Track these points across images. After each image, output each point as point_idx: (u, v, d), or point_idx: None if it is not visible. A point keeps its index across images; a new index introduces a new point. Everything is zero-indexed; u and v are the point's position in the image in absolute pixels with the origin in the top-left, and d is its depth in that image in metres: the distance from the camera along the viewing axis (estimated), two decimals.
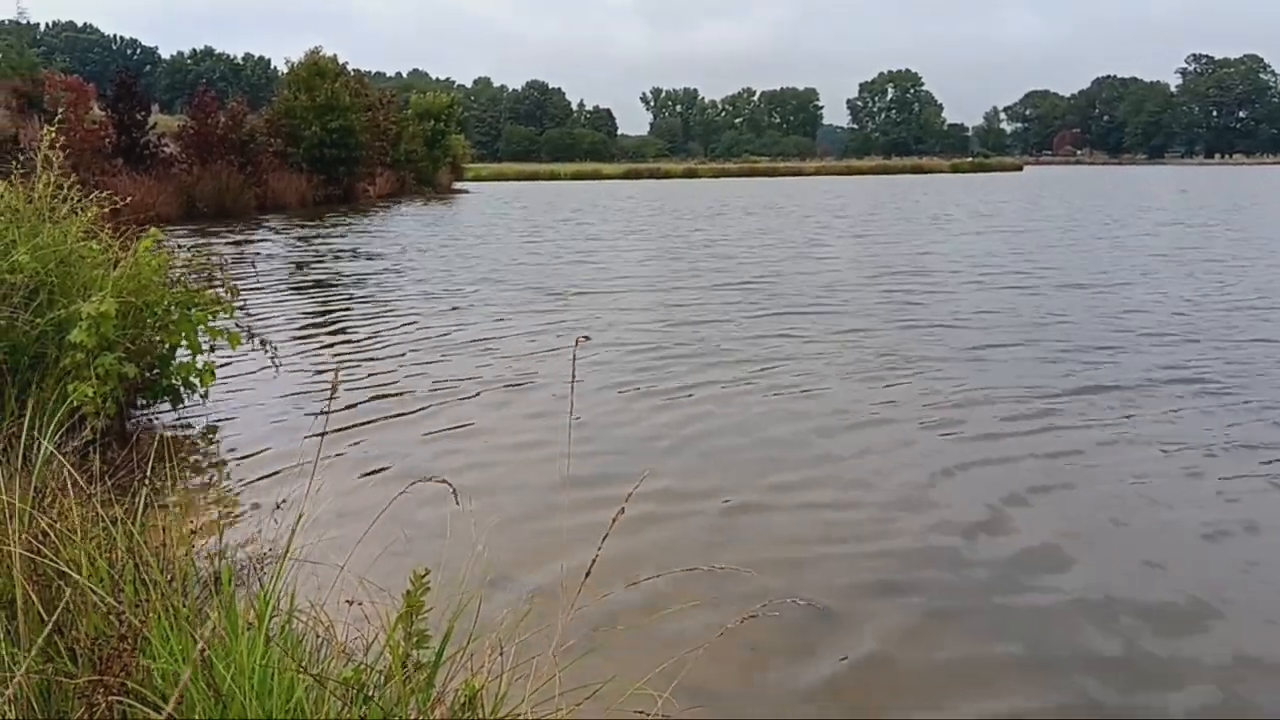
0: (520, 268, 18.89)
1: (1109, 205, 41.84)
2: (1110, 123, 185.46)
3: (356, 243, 24.50)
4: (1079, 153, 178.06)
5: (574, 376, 3.18)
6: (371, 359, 10.21)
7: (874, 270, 18.37)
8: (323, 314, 13.37)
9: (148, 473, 3.13)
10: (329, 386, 8.78)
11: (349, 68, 47.20)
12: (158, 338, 7.10)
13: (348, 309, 13.79)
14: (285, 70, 47.86)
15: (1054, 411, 8.02)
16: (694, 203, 47.53)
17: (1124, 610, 4.55)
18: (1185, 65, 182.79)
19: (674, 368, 9.72)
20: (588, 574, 2.73)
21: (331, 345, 11.12)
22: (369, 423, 7.71)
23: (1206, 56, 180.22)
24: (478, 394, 8.73)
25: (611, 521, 2.74)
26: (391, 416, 7.95)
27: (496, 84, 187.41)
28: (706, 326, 12.25)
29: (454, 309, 13.59)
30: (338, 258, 20.79)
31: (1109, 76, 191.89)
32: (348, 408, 8.05)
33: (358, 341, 11.26)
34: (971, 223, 32.24)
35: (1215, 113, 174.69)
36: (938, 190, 61.38)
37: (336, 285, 16.46)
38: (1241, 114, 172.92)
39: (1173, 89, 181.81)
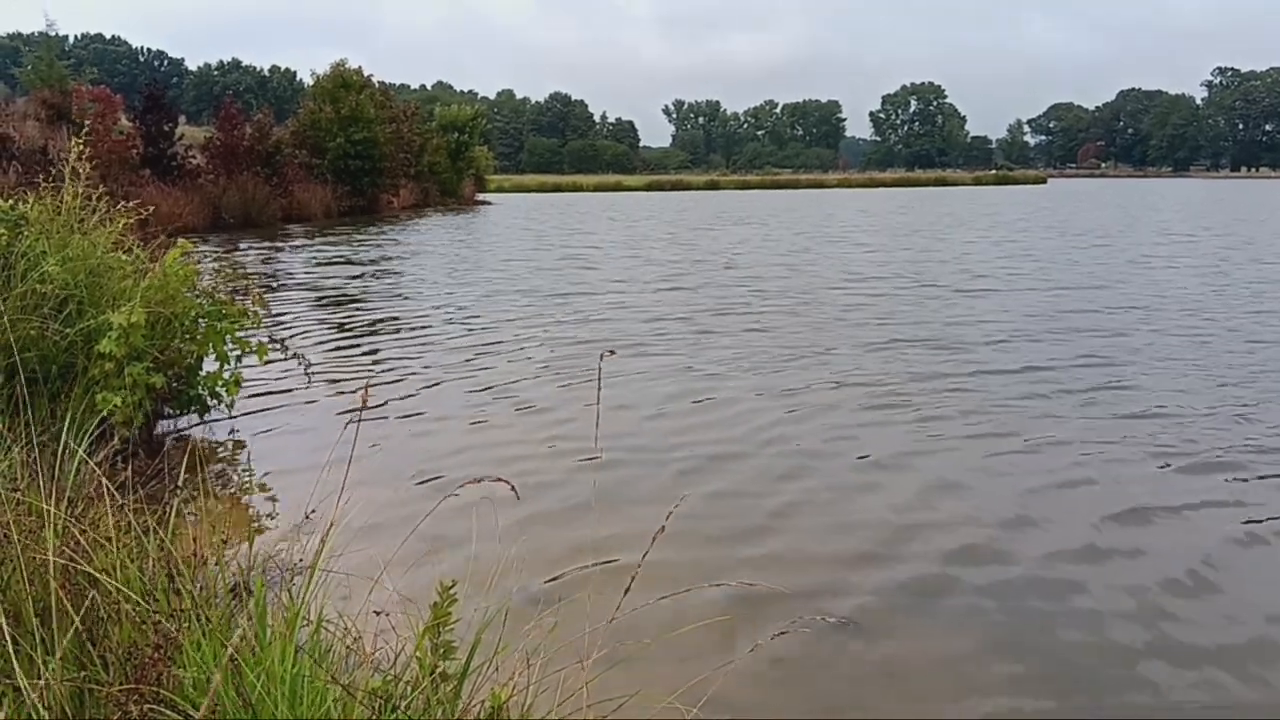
0: (531, 274, 19.08)
1: (1109, 216, 42.21)
2: (1135, 135, 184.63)
3: (381, 252, 24.66)
4: (1103, 165, 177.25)
5: (599, 389, 3.20)
6: (395, 368, 10.25)
7: (842, 276, 19.21)
8: (348, 323, 13.44)
9: (178, 482, 3.15)
10: (354, 394, 8.84)
11: (373, 80, 47.52)
12: (185, 348, 7.15)
13: (375, 320, 13.86)
14: (310, 82, 48.24)
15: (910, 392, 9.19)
16: (702, 214, 48.45)
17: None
18: (1211, 78, 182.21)
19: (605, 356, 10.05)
20: (626, 590, 2.73)
21: (355, 355, 11.16)
22: (392, 431, 7.74)
23: (1233, 69, 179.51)
24: (493, 401, 8.77)
25: (651, 540, 2.74)
26: (413, 424, 7.98)
27: (519, 96, 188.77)
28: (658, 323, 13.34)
29: (470, 322, 13.64)
30: (358, 265, 20.99)
31: (1134, 89, 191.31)
32: (374, 419, 8.08)
33: (382, 351, 11.31)
34: (962, 233, 32.91)
35: (1241, 126, 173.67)
36: (947, 203, 61.84)
37: (364, 296, 16.53)
38: (1268, 127, 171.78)
39: (1198, 101, 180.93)
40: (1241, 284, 17.43)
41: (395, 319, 13.96)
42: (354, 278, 19.33)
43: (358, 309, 15.07)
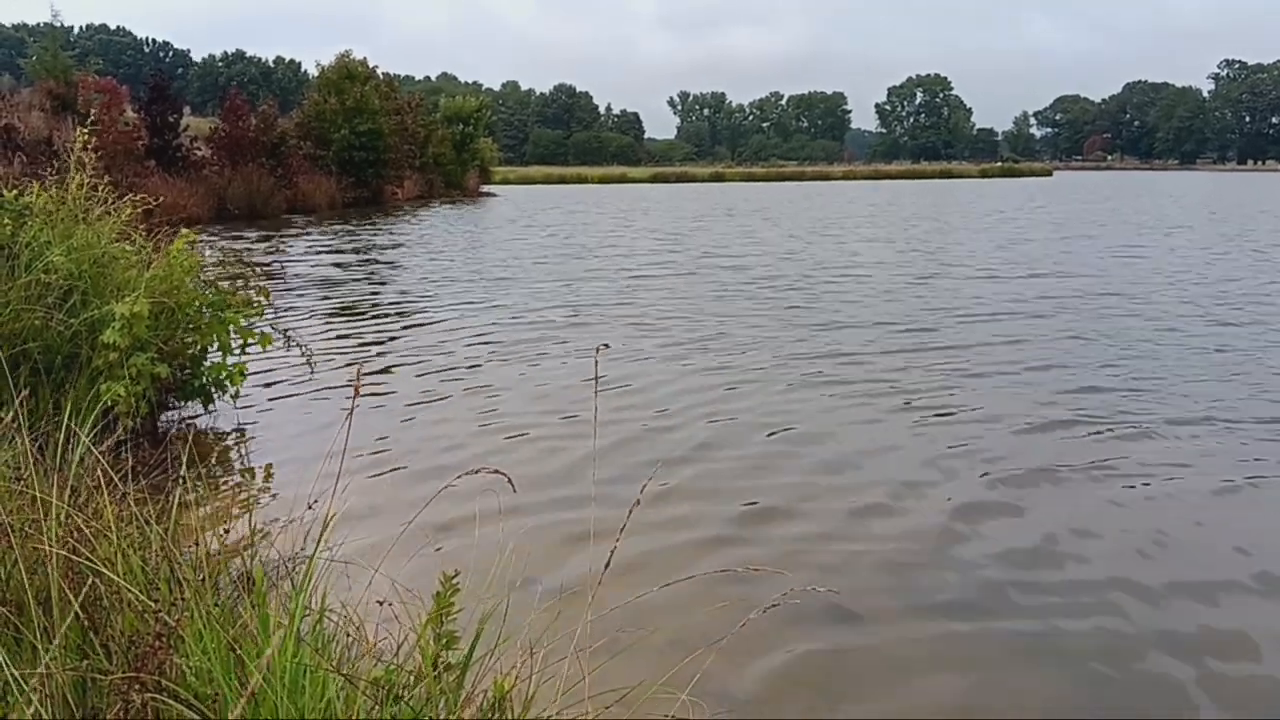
0: (523, 263, 19.29)
1: (1092, 211, 42.28)
2: (1141, 128, 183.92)
3: (382, 242, 24.72)
4: (1109, 158, 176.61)
5: (596, 378, 3.20)
6: (397, 357, 10.27)
7: (810, 266, 19.78)
8: (349, 313, 13.45)
9: (181, 472, 3.15)
10: (354, 388, 8.84)
11: (378, 71, 47.45)
12: (189, 338, 7.15)
13: (376, 309, 13.87)
14: (315, 73, 48.20)
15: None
16: (700, 206, 48.90)
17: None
18: (1218, 70, 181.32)
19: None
20: (606, 565, 2.73)
21: (358, 344, 11.18)
22: (394, 420, 7.75)
23: (1239, 62, 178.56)
24: (492, 390, 8.81)
25: (628, 514, 2.74)
26: (416, 416, 7.99)
27: (524, 87, 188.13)
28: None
29: (465, 311, 13.67)
30: (360, 256, 21.08)
31: (1140, 81, 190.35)
32: (377, 408, 8.10)
33: (383, 340, 11.33)
34: (949, 224, 33.82)
35: (1248, 118, 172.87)
36: (948, 194, 62.19)
37: (364, 286, 16.55)
38: (1275, 120, 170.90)
39: (1205, 94, 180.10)
40: (1211, 273, 18.01)
41: (395, 308, 14.02)
42: (354, 269, 19.49)
43: (358, 299, 15.14)
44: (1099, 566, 5.11)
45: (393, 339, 11.65)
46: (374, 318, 13.28)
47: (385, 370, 9.76)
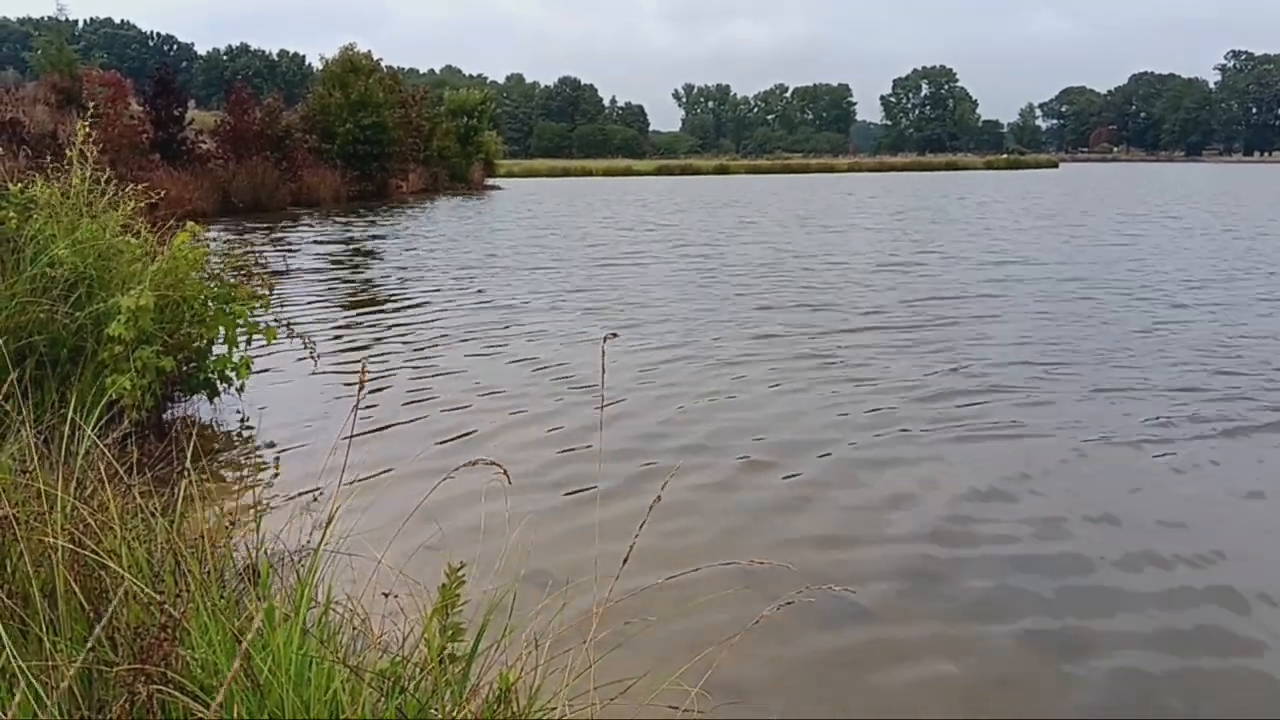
0: (535, 256, 19.29)
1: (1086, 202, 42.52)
2: (1147, 119, 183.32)
3: (386, 233, 24.77)
4: (1115, 149, 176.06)
5: (604, 369, 3.20)
6: (401, 349, 10.28)
7: (777, 256, 20.23)
8: (354, 306, 13.47)
9: (185, 464, 3.15)
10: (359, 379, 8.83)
11: (383, 64, 47.36)
12: (195, 331, 7.15)
13: (382, 302, 13.89)
14: (320, 67, 48.16)
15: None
16: (695, 197, 49.45)
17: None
18: (1224, 61, 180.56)
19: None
20: (625, 561, 2.72)
21: (363, 337, 11.18)
22: (399, 412, 7.76)
23: (1246, 53, 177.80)
24: (497, 383, 8.81)
25: (648, 509, 2.73)
26: (420, 408, 7.99)
27: (529, 80, 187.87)
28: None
29: (484, 302, 13.68)
30: (364, 249, 21.15)
31: (1146, 73, 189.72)
32: (382, 401, 8.10)
33: (387, 333, 11.34)
34: (921, 215, 34.65)
35: (1255, 109, 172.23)
36: (944, 186, 62.38)
37: (370, 279, 16.58)
38: None
39: (1211, 85, 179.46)
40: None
41: (397, 300, 14.04)
42: (357, 261, 19.61)
43: (360, 291, 15.20)
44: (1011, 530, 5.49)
45: (395, 329, 11.66)
46: (376, 309, 13.29)
47: (388, 360, 9.77)
